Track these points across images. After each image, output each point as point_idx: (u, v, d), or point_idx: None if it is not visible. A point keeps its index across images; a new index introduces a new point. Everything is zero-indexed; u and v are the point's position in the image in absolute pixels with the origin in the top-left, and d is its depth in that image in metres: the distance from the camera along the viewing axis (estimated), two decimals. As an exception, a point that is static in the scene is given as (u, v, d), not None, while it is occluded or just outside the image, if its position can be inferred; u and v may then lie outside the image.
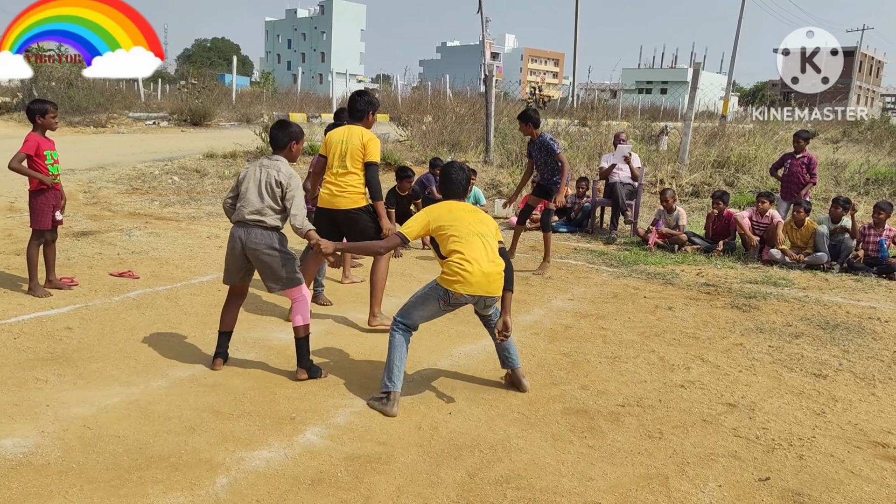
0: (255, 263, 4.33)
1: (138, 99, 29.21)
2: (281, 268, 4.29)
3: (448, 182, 4.39)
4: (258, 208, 4.25)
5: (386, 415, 3.98)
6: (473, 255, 4.00)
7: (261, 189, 4.27)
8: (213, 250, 7.73)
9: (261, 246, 4.23)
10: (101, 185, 11.64)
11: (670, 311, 6.32)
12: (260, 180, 4.29)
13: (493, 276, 4.04)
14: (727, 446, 3.78)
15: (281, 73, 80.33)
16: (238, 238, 4.27)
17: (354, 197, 5.31)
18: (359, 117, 5.43)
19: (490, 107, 14.26)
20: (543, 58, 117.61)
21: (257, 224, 4.25)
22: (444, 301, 4.09)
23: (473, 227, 4.11)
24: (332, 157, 5.37)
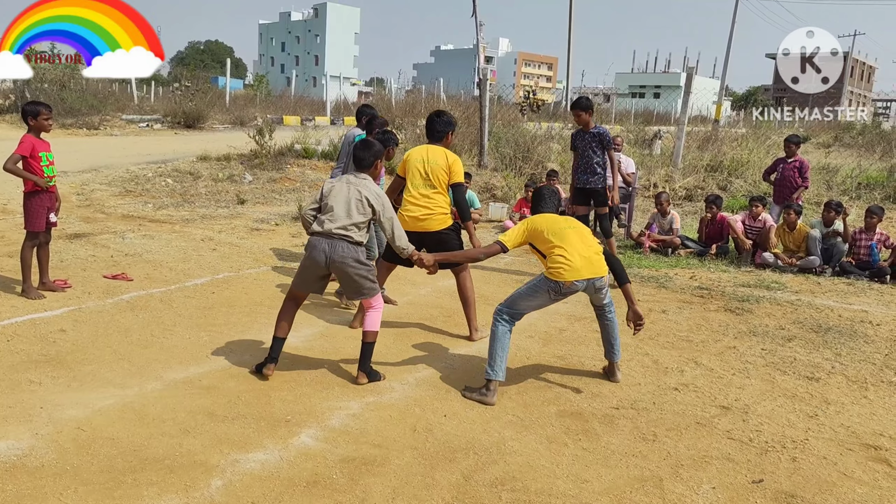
0: (339, 275, 4.42)
1: (132, 101, 29.10)
2: (364, 279, 4.40)
3: (541, 201, 4.74)
4: (345, 224, 4.32)
5: (485, 404, 4.21)
6: (571, 245, 4.37)
7: (350, 206, 4.35)
8: (206, 253, 7.72)
9: (347, 259, 4.31)
10: (95, 187, 11.60)
11: (664, 315, 6.34)
12: (349, 197, 4.37)
13: (593, 259, 4.42)
14: (721, 448, 3.80)
15: (275, 76, 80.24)
16: (322, 250, 4.32)
17: (442, 217, 5.32)
18: (439, 137, 5.45)
19: (484, 110, 14.28)
20: (537, 62, 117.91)
21: (343, 238, 4.31)
22: (556, 292, 4.42)
23: (565, 223, 4.53)
24: (414, 177, 5.33)
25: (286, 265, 7.48)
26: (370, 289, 4.46)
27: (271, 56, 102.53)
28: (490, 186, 12.79)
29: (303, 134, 16.50)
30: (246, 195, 11.54)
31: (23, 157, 5.55)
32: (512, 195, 11.92)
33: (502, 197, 12.12)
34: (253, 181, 12.92)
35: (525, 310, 4.53)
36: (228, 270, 7.04)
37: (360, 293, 4.48)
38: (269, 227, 9.44)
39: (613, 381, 4.71)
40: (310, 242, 4.41)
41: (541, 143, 17.01)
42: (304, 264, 4.48)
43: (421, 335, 5.48)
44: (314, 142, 15.90)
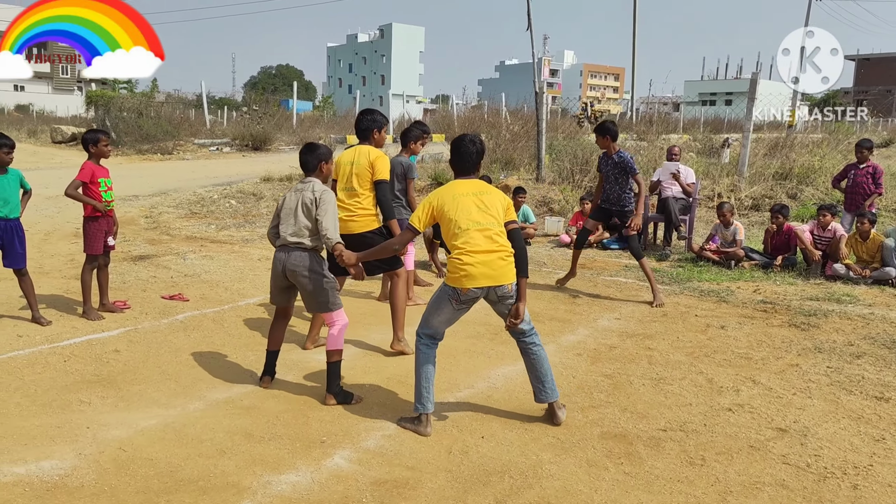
0: (296, 284, 4.41)
1: (204, 126, 30.28)
2: (319, 290, 4.34)
3: (457, 156, 4.12)
4: (295, 230, 4.34)
5: (420, 434, 3.95)
6: (473, 246, 3.85)
7: (297, 211, 4.35)
8: (262, 272, 7.87)
9: (299, 267, 4.31)
10: (163, 210, 12.06)
11: (722, 331, 6.07)
12: (296, 202, 4.37)
13: (495, 264, 3.87)
14: (774, 474, 3.58)
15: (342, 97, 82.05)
16: (279, 260, 4.39)
17: (366, 220, 5.25)
18: (365, 136, 5.37)
19: (541, 124, 14.13)
20: (603, 73, 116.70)
21: (297, 246, 4.32)
22: (456, 300, 3.96)
23: (475, 216, 3.91)
24: (341, 179, 5.31)
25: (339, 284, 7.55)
26: (331, 303, 4.37)
27: (339, 77, 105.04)
28: (547, 200, 12.63)
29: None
30: (305, 215, 11.75)
31: (83, 183, 5.80)
32: (569, 209, 11.73)
33: (559, 211, 11.94)
34: (313, 201, 13.16)
35: (439, 326, 4.10)
36: (281, 290, 7.14)
37: (319, 307, 4.39)
38: (325, 245, 9.57)
39: (556, 423, 4.10)
40: (274, 254, 4.46)
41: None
42: (270, 277, 4.53)
43: (464, 353, 5.41)
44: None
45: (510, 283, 3.95)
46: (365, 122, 5.38)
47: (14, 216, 5.61)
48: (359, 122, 5.42)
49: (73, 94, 58.40)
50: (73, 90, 60.51)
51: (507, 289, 3.95)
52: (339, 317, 4.44)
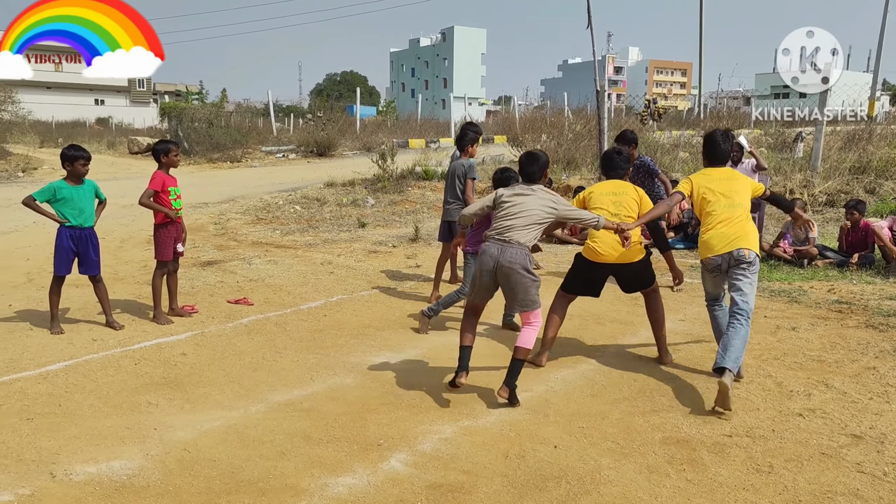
0: (505, 280, 4.42)
1: (271, 133, 31.06)
2: (528, 287, 4.40)
3: (709, 148, 4.99)
4: (521, 230, 4.41)
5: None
6: (720, 219, 4.66)
7: (533, 212, 4.44)
8: (324, 276, 8.01)
9: (515, 264, 4.35)
10: (231, 216, 12.42)
11: (793, 332, 5.83)
12: (537, 205, 4.46)
13: (730, 237, 4.63)
14: (848, 483, 3.41)
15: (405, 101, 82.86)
16: (491, 255, 4.40)
17: (637, 247, 5.12)
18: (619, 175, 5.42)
19: (603, 123, 13.91)
20: (670, 68, 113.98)
21: (512, 243, 4.39)
22: (707, 269, 4.80)
23: (731, 198, 4.74)
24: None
25: (398, 287, 7.61)
26: (535, 301, 4.42)
27: (402, 82, 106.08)
28: (610, 200, 12.41)
29: (424, 156, 16.88)
30: (367, 218, 11.91)
31: (155, 192, 6.03)
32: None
33: (622, 210, 11.72)
34: (374, 205, 13.33)
35: (711, 290, 4.95)
36: (342, 293, 7.26)
37: (524, 304, 4.43)
38: (386, 249, 9.67)
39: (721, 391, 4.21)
40: (482, 248, 4.51)
41: (667, 152, 16.37)
42: (475, 272, 4.57)
43: (524, 356, 5.35)
44: (435, 163, 16.20)
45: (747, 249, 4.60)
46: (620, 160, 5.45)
47: (89, 225, 5.88)
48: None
49: (149, 106, 60.94)
50: (149, 102, 63.14)
51: (744, 252, 4.59)
52: (536, 317, 4.47)
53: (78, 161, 5.79)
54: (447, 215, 7.00)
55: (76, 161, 5.78)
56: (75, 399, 4.45)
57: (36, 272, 8.15)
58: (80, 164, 5.81)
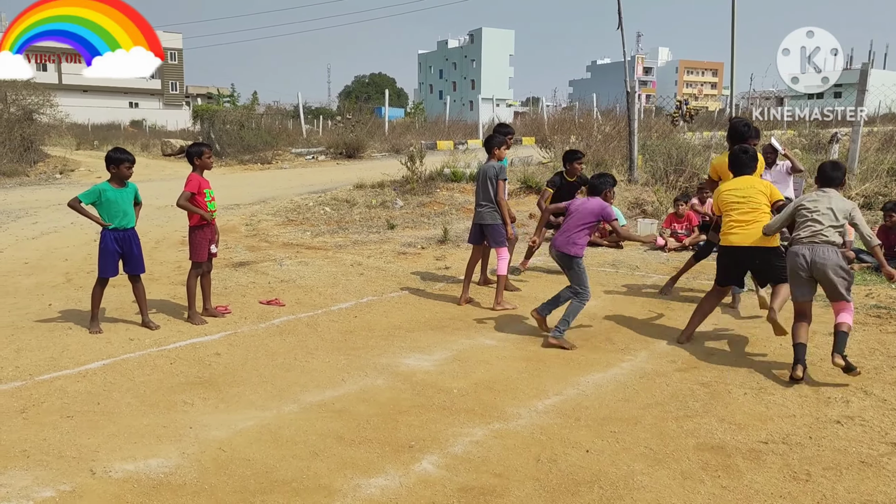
0: (821, 277, 4.93)
1: (301, 135, 31.34)
2: (843, 281, 4.90)
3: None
4: (831, 231, 4.94)
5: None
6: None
7: (835, 215, 4.97)
8: (354, 277, 8.06)
9: (829, 262, 4.87)
10: (262, 218, 12.55)
11: (830, 338, 5.70)
12: (834, 208, 4.98)
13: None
14: (889, 493, 3.34)
15: (433, 103, 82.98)
16: (802, 255, 4.95)
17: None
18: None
19: (633, 124, 13.80)
20: (700, 69, 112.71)
21: (826, 242, 4.92)
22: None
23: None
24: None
25: (427, 288, 7.63)
26: (848, 293, 4.93)
27: (430, 84, 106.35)
28: (640, 202, 12.32)
29: (453, 158, 16.89)
30: (396, 220, 11.95)
31: (192, 194, 6.12)
32: (663, 210, 11.38)
33: (652, 213, 11.61)
34: (403, 206, 13.37)
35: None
36: (372, 294, 7.30)
37: (839, 296, 4.94)
38: (414, 250, 9.70)
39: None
40: (790, 252, 5.06)
41: (697, 153, 16.16)
42: (791, 272, 5.07)
43: (554, 359, 5.34)
44: (463, 165, 16.20)
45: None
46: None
47: (131, 226, 6.00)
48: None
49: (182, 108, 61.94)
50: (182, 105, 64.18)
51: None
52: (849, 306, 4.97)
53: (123, 164, 5.91)
54: (479, 218, 6.99)
55: (121, 164, 5.90)
56: (113, 397, 4.53)
57: (74, 272, 8.32)
58: (125, 167, 5.93)
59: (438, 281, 7.99)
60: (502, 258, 6.84)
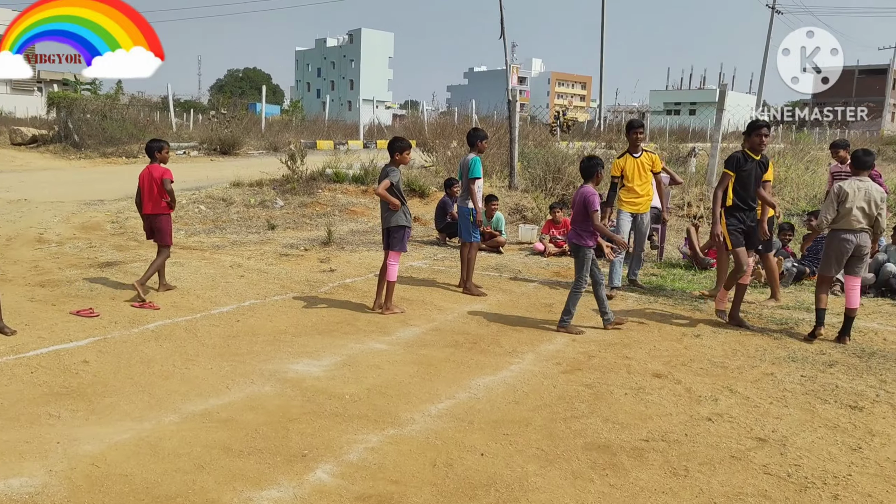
0: (859, 258, 6.06)
1: (170, 129, 29.74)
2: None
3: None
4: (867, 218, 5.99)
5: None
6: None
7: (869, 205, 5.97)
8: (234, 279, 7.73)
9: (865, 246, 6.03)
10: (129, 215, 11.75)
11: (698, 339, 6.12)
12: (867, 198, 5.97)
13: None
14: (757, 485, 3.60)
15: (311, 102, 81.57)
16: (849, 241, 5.98)
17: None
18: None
19: (514, 132, 14.19)
20: (570, 81, 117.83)
21: (863, 230, 5.99)
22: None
23: None
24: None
25: (312, 291, 7.45)
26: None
27: (307, 82, 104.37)
28: (520, 208, 12.67)
29: (334, 158, 16.61)
30: (277, 220, 11.61)
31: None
32: (542, 216, 11.77)
33: (532, 219, 11.98)
34: (284, 206, 13.00)
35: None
36: (255, 297, 7.03)
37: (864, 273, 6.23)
38: (297, 252, 9.45)
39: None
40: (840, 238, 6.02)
41: (572, 163, 16.84)
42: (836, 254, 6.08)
43: (444, 363, 5.36)
44: (345, 166, 15.97)
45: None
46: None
47: None
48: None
49: (33, 94, 56.97)
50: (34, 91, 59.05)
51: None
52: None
53: None
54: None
55: None
56: (-37, 411, 4.08)
57: None
58: None
59: (323, 284, 7.82)
60: (392, 265, 6.78)
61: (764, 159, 6.56)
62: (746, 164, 6.41)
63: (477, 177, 7.59)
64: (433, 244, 10.78)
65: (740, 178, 6.40)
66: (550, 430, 4.20)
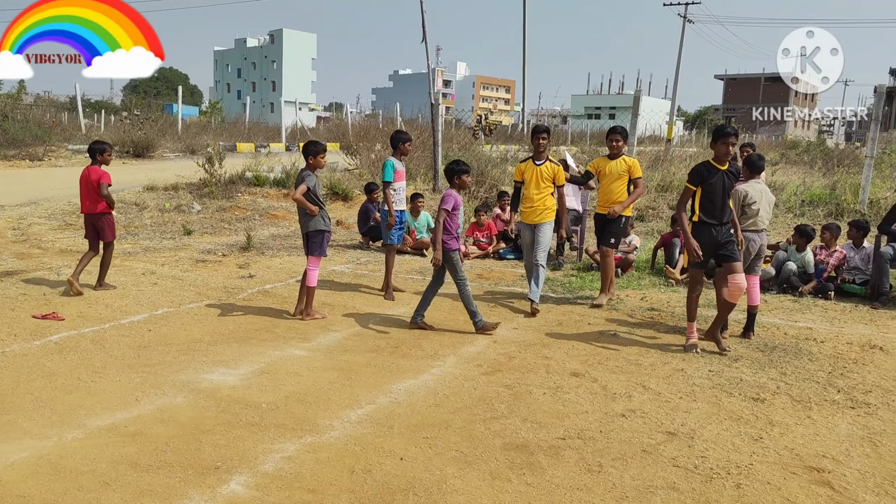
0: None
1: (79, 130, 28.45)
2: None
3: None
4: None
5: None
6: None
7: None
8: (147, 287, 7.46)
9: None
10: (32, 221, 11.19)
11: (614, 338, 6.30)
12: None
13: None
14: (666, 477, 3.72)
15: (231, 103, 79.61)
16: (754, 241, 6.36)
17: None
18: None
19: (437, 135, 14.25)
20: (495, 85, 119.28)
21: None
22: None
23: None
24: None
25: (230, 298, 7.26)
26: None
27: (227, 83, 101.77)
28: (443, 211, 12.70)
29: (255, 161, 16.27)
30: (193, 225, 11.26)
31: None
32: (465, 219, 11.85)
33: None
34: (201, 211, 12.64)
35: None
36: (168, 305, 6.80)
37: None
38: (215, 258, 9.20)
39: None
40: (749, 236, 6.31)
41: (495, 165, 17.06)
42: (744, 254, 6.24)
43: (365, 368, 5.32)
44: (266, 169, 15.67)
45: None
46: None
47: None
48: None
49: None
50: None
51: None
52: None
53: None
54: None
55: None
56: None
57: None
58: None
59: (242, 290, 7.64)
60: (312, 268, 6.69)
61: (733, 168, 5.96)
62: (712, 177, 5.83)
63: (387, 180, 7.50)
64: (356, 248, 10.69)
65: (706, 191, 5.86)
66: (470, 432, 4.23)
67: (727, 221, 5.96)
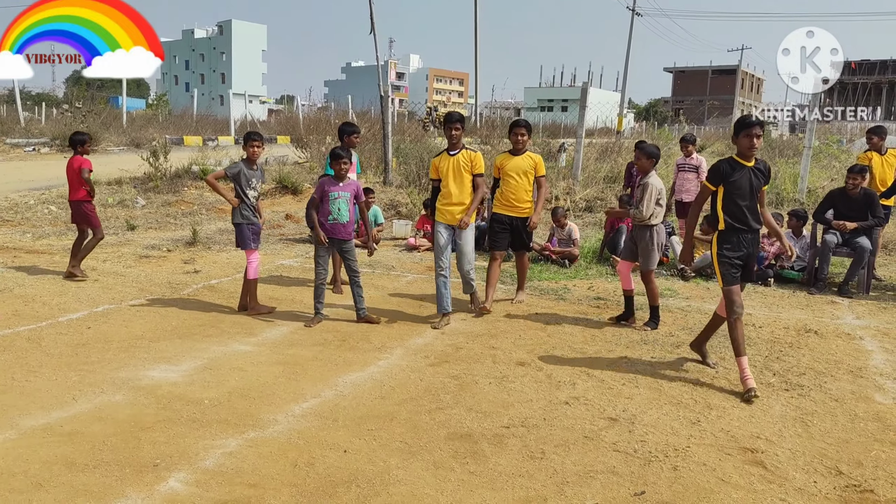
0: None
1: (17, 124, 27.49)
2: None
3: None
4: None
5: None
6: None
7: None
8: (87, 284, 7.27)
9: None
10: (-32, 217, 10.80)
11: (560, 327, 6.38)
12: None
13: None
14: (606, 462, 3.80)
15: (179, 95, 77.79)
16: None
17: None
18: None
19: (387, 127, 14.20)
20: (448, 77, 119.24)
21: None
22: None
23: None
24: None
25: (174, 294, 7.12)
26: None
27: (175, 74, 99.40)
28: (395, 203, 12.70)
29: (202, 154, 15.97)
30: (137, 220, 11.01)
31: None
32: (416, 212, 11.85)
33: (407, 214, 12.04)
34: (146, 205, 12.36)
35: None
36: (109, 302, 6.64)
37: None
38: (159, 253, 9.01)
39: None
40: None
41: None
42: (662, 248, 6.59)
43: (311, 361, 5.29)
44: (214, 162, 15.40)
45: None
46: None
47: None
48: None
49: None
50: None
51: None
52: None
53: None
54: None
55: None
56: None
57: None
58: None
59: (187, 286, 7.50)
60: (252, 262, 6.60)
61: (760, 165, 5.10)
62: (735, 174, 4.99)
63: (328, 173, 7.22)
64: (306, 242, 10.59)
65: (729, 192, 5.00)
66: (415, 423, 4.24)
67: (758, 228, 5.13)
